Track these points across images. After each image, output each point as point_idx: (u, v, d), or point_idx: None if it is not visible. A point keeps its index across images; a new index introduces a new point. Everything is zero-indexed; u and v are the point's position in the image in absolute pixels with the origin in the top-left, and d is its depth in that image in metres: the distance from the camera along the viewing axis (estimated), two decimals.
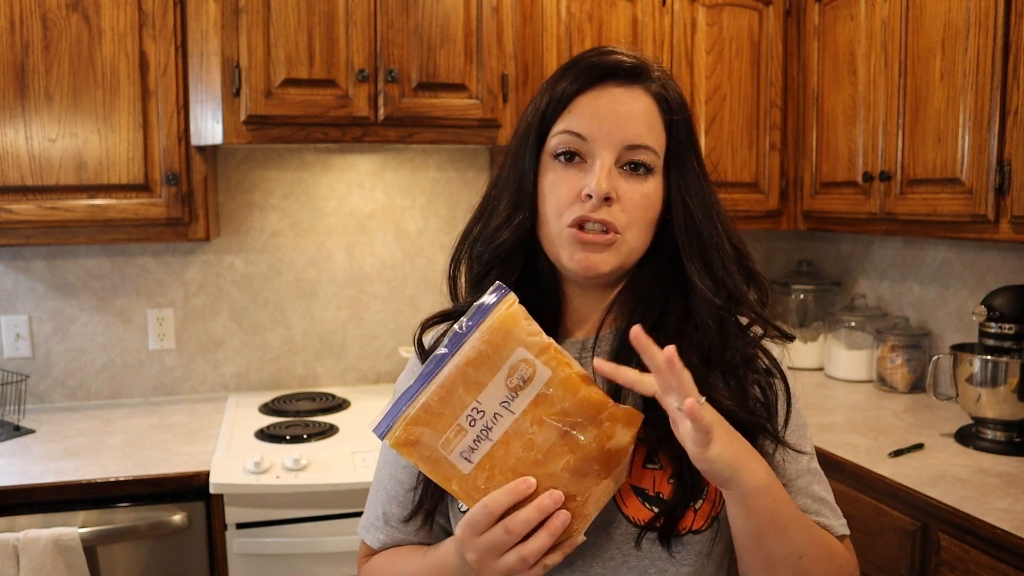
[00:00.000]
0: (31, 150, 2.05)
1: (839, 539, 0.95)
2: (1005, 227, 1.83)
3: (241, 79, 2.03)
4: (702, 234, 0.91)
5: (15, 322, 2.41)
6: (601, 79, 0.90)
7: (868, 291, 2.76)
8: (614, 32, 2.38)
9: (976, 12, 1.85)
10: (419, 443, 0.79)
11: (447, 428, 0.79)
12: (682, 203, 0.91)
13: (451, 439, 0.79)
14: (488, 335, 0.79)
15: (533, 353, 0.79)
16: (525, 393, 0.79)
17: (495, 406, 0.79)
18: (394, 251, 2.67)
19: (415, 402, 0.80)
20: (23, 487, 1.80)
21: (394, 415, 0.80)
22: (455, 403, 0.79)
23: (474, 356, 0.79)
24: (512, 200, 0.94)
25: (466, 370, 0.79)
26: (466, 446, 0.79)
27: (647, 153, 0.90)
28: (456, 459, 0.79)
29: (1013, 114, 1.77)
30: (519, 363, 0.79)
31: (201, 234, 2.19)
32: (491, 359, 0.79)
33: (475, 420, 0.79)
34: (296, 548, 1.89)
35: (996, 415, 1.92)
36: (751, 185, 2.56)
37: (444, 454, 0.79)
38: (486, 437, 0.79)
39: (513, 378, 0.79)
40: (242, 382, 2.59)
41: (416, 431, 0.79)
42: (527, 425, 0.79)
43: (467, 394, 0.79)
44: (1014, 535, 1.47)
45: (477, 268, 0.97)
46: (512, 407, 0.79)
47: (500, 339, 0.79)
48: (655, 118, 0.91)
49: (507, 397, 0.79)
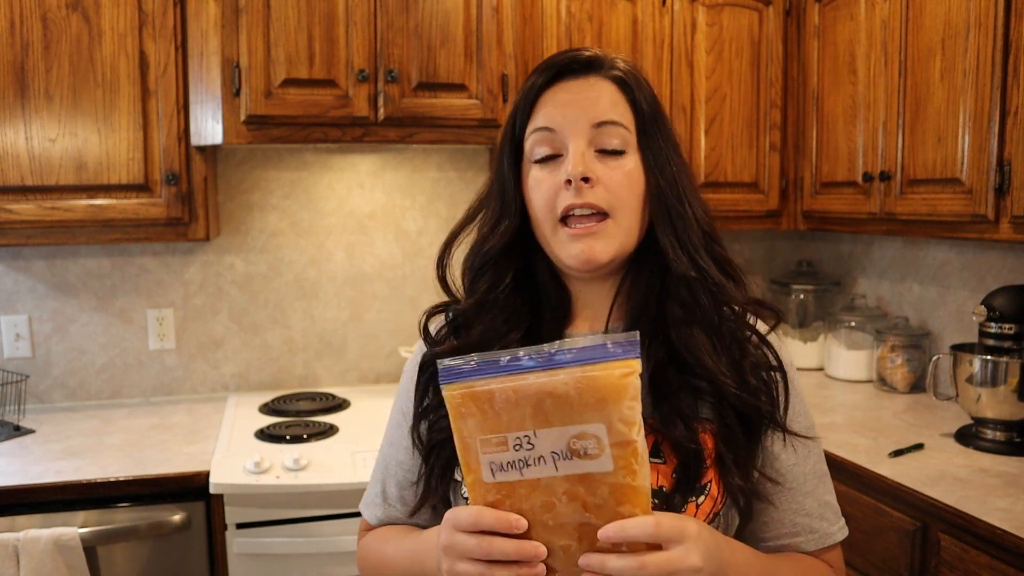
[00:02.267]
0: (31, 150, 2.05)
1: (833, 546, 0.97)
2: (1005, 227, 1.83)
3: (241, 79, 2.03)
4: (670, 209, 0.92)
5: (15, 322, 2.41)
6: (559, 75, 0.93)
7: (868, 291, 2.76)
8: (614, 32, 2.38)
9: (976, 12, 1.85)
10: (465, 419, 0.74)
11: (494, 432, 0.74)
12: (652, 178, 0.92)
13: (491, 444, 0.74)
14: (584, 385, 0.71)
15: (610, 440, 0.72)
16: (579, 464, 0.73)
17: (546, 450, 0.73)
18: (394, 251, 2.67)
19: (486, 381, 0.74)
20: (23, 487, 1.80)
21: (464, 374, 0.74)
22: (516, 417, 0.73)
23: (559, 392, 0.72)
24: (497, 208, 0.96)
25: (544, 398, 0.72)
26: (499, 462, 0.74)
27: (616, 129, 0.91)
28: (484, 463, 0.75)
29: (1013, 114, 1.77)
30: (592, 437, 0.72)
31: (201, 234, 2.19)
32: (571, 409, 0.72)
33: (520, 446, 0.73)
34: (296, 548, 1.89)
35: (996, 415, 1.92)
36: (751, 185, 2.56)
37: (477, 448, 0.75)
38: (520, 469, 0.74)
39: (578, 443, 0.72)
40: (242, 382, 2.59)
41: (470, 408, 0.74)
42: (560, 491, 0.74)
43: (531, 419, 0.73)
44: (1014, 535, 1.47)
45: (469, 275, 0.99)
46: (559, 465, 0.73)
47: (592, 400, 0.71)
48: (617, 97, 0.92)
49: (562, 452, 0.73)
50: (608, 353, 0.72)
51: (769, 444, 0.94)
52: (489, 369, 0.74)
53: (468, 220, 1.00)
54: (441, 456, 0.95)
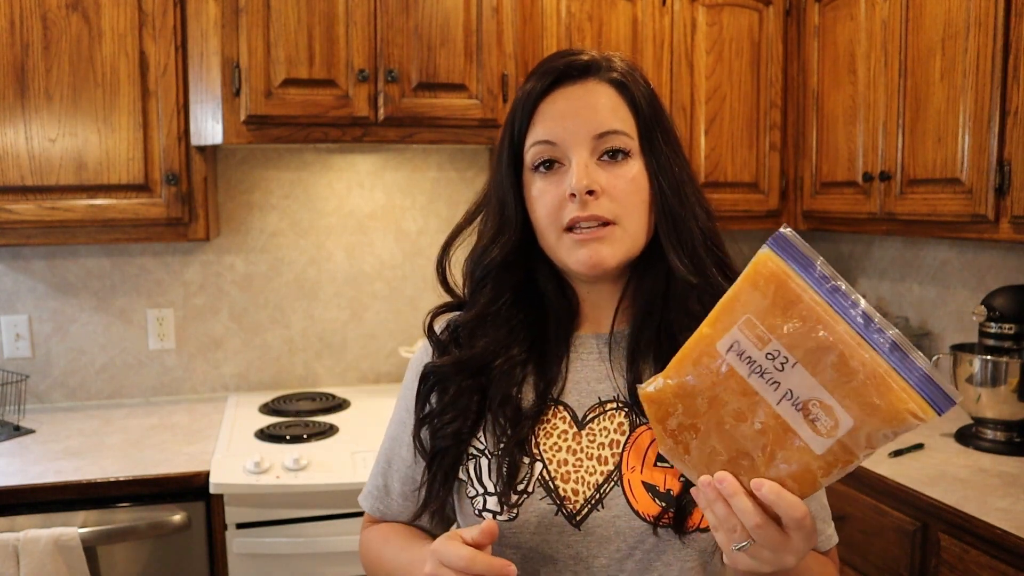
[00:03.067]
0: (31, 150, 2.05)
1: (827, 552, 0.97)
2: (1005, 227, 1.83)
3: (241, 79, 2.03)
4: (673, 214, 0.91)
5: (15, 322, 2.41)
6: (556, 82, 0.91)
7: (868, 291, 2.76)
8: (614, 32, 2.38)
9: (976, 12, 1.85)
10: (756, 288, 0.69)
11: (768, 326, 0.69)
12: (656, 181, 0.91)
13: (754, 329, 0.69)
14: (876, 383, 0.66)
15: (842, 435, 0.68)
16: (799, 421, 0.69)
17: (789, 383, 0.68)
18: (394, 251, 2.67)
19: (803, 285, 0.68)
20: (23, 487, 1.80)
21: (793, 257, 0.69)
22: (795, 338, 0.68)
23: (851, 365, 0.67)
24: (496, 221, 0.95)
25: (832, 352, 0.67)
26: (743, 350, 0.70)
27: (619, 137, 0.90)
28: (730, 336, 0.70)
29: (1013, 114, 1.77)
30: (834, 418, 0.68)
31: (201, 234, 2.19)
32: (844, 384, 0.67)
33: (774, 359, 0.68)
34: (296, 548, 1.89)
35: (996, 415, 1.92)
36: (751, 185, 2.56)
37: (738, 321, 0.70)
38: (752, 372, 0.69)
39: (816, 408, 0.68)
40: (242, 382, 2.59)
41: (769, 288, 0.69)
42: (759, 419, 0.70)
43: (804, 351, 0.68)
44: (1014, 535, 1.47)
45: (470, 284, 0.98)
46: (783, 404, 0.69)
47: (868, 399, 0.67)
48: (617, 102, 0.91)
49: (796, 399, 0.68)
50: (923, 387, 0.66)
51: None
52: (818, 284, 0.68)
53: (467, 222, 0.99)
54: (444, 463, 0.94)
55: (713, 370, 0.71)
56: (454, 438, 0.94)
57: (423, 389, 0.98)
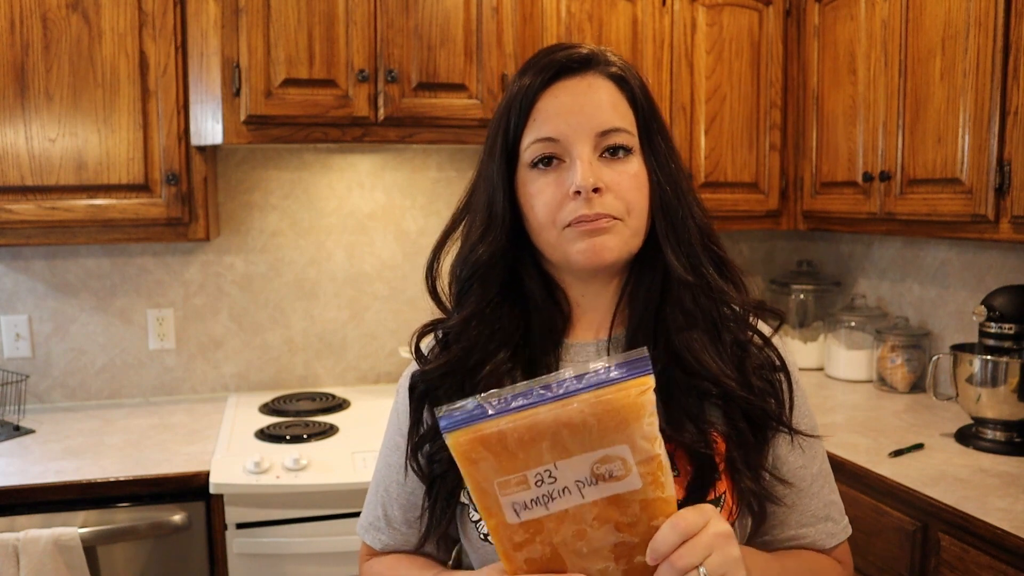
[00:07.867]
0: (31, 150, 2.05)
1: (839, 545, 0.97)
2: (1005, 227, 1.83)
3: (241, 79, 2.03)
4: (670, 210, 0.90)
5: (15, 322, 2.41)
6: (556, 76, 0.89)
7: (868, 291, 2.76)
8: (614, 32, 2.39)
9: (976, 12, 1.85)
10: (477, 464, 0.72)
11: (512, 472, 0.72)
12: (655, 179, 0.90)
13: (511, 485, 0.72)
14: (602, 410, 0.70)
15: (635, 458, 0.71)
16: (606, 487, 0.72)
17: (569, 480, 0.72)
18: (394, 251, 2.67)
19: (494, 423, 0.72)
20: (23, 487, 1.80)
21: (467, 419, 0.72)
22: (533, 454, 0.71)
23: (576, 422, 0.70)
24: (484, 219, 0.92)
25: (560, 429, 0.71)
26: (522, 501, 0.72)
27: (621, 135, 0.88)
28: (506, 505, 0.73)
29: (1013, 114, 1.77)
30: (617, 459, 0.71)
31: (201, 234, 2.19)
32: (591, 436, 0.71)
33: (543, 482, 0.72)
34: (296, 548, 1.89)
35: (996, 415, 1.92)
36: (751, 185, 2.56)
37: (495, 492, 0.73)
38: (545, 504, 0.72)
39: (602, 467, 0.71)
40: (242, 382, 2.59)
41: (480, 453, 0.72)
42: (589, 517, 0.72)
43: (549, 452, 0.71)
44: (1014, 535, 1.47)
45: (456, 286, 0.95)
46: (585, 492, 0.72)
47: (612, 423, 0.70)
48: (618, 98, 0.90)
49: (586, 480, 0.71)
50: (621, 375, 0.71)
51: (776, 446, 0.94)
52: (493, 410, 0.72)
53: (453, 227, 0.96)
54: (444, 488, 0.92)
55: (529, 535, 0.74)
56: (450, 462, 0.93)
57: (415, 403, 0.96)
